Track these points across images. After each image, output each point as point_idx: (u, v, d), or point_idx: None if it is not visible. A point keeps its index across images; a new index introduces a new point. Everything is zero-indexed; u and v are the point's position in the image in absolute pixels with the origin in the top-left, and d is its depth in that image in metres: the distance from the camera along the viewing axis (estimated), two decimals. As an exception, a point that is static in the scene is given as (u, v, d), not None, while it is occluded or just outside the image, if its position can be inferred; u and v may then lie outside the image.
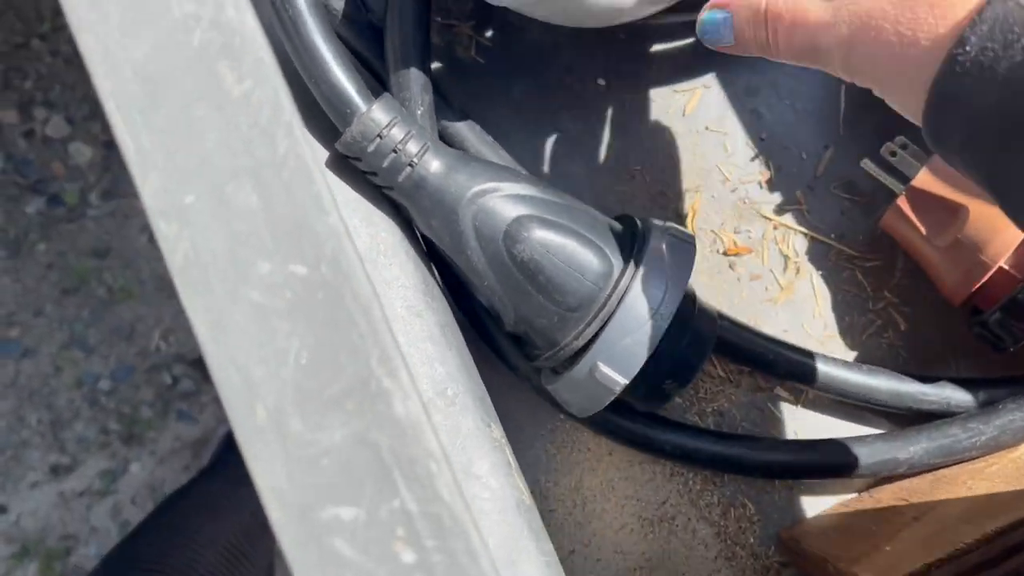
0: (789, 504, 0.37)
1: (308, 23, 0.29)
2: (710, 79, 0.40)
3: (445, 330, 0.31)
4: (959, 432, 0.35)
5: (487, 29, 0.41)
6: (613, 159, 0.40)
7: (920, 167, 0.35)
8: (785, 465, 0.36)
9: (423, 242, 0.33)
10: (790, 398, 0.38)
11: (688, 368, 0.31)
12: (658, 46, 0.40)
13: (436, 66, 0.40)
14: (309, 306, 0.18)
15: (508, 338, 0.35)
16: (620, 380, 0.29)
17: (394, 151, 0.29)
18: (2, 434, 1.01)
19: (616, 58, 0.40)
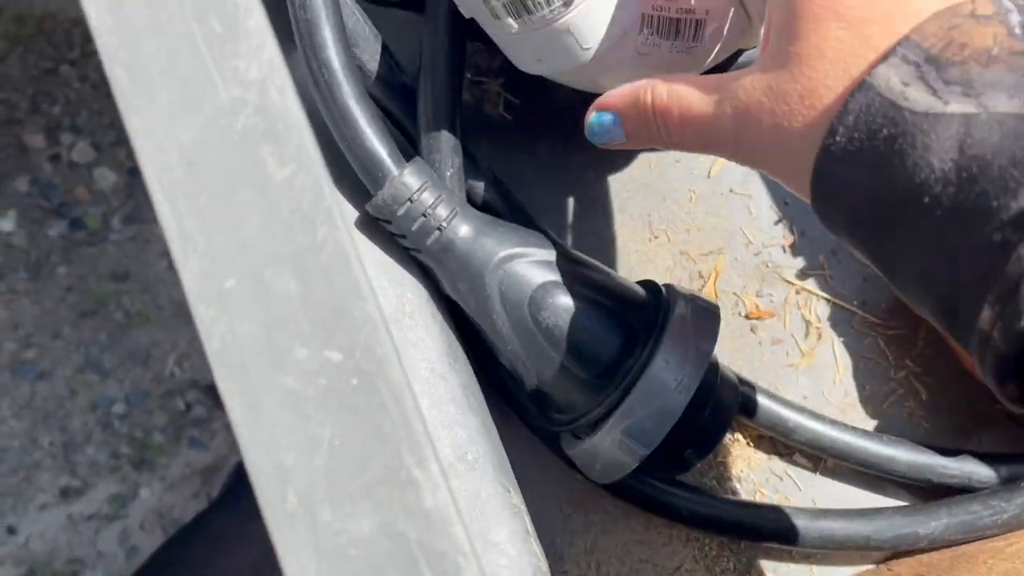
0: (806, 573, 0.37)
1: (343, 87, 0.29)
2: (736, 142, 0.40)
3: (467, 392, 0.31)
4: (980, 509, 0.34)
5: (516, 87, 0.41)
6: (637, 218, 0.40)
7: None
8: (802, 534, 0.36)
9: (449, 303, 0.33)
10: (809, 465, 0.38)
11: (709, 439, 0.31)
12: (685, 108, 0.41)
13: (464, 121, 0.41)
14: (342, 393, 0.18)
15: (530, 400, 0.35)
16: (640, 451, 0.29)
17: (424, 215, 0.30)
18: (15, 455, 1.02)
19: (643, 119, 0.40)
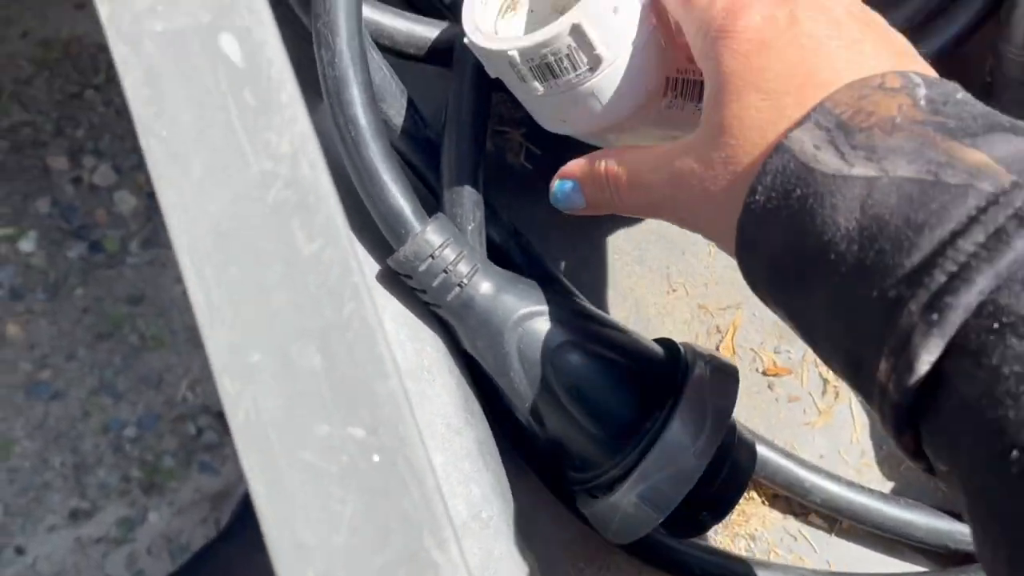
0: (819, 636, 0.37)
1: (369, 144, 0.30)
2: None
3: (483, 448, 0.31)
4: (998, 578, 0.34)
5: (537, 137, 0.41)
6: (655, 271, 0.40)
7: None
8: (817, 597, 0.35)
9: (466, 357, 0.33)
10: (824, 526, 0.38)
11: (725, 502, 0.31)
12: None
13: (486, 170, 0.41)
14: (364, 471, 0.18)
15: (546, 456, 0.35)
16: (656, 515, 0.29)
17: (445, 271, 0.30)
18: (26, 475, 1.02)
19: (663, 171, 0.41)
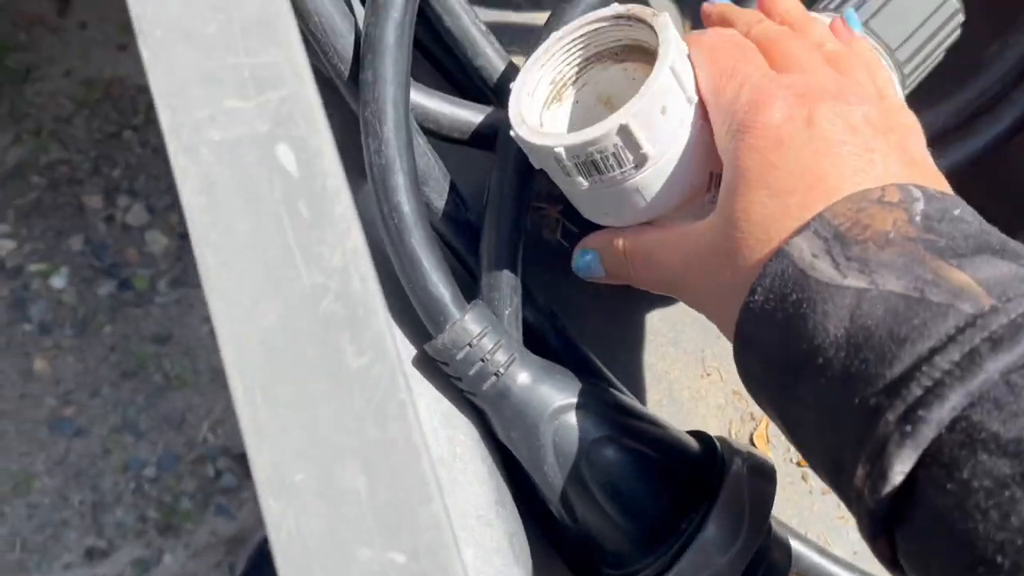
0: None
1: (411, 231, 0.30)
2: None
3: (513, 541, 0.31)
4: None
5: (574, 214, 0.41)
6: (690, 353, 0.40)
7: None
8: None
9: (499, 444, 0.33)
10: (857, 625, 0.37)
11: (759, 606, 0.30)
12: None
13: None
14: (404, 598, 0.18)
15: (578, 550, 0.35)
16: (690, 620, 0.28)
17: (482, 360, 0.30)
18: (45, 512, 1.02)
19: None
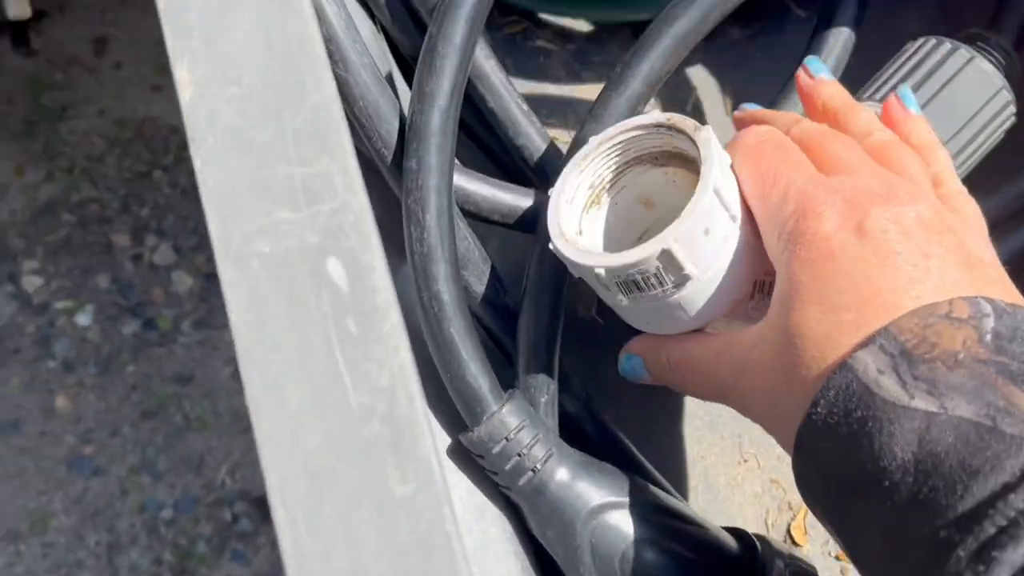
0: None
1: (451, 319, 0.29)
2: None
3: (546, 641, 0.30)
4: None
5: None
6: (727, 439, 0.39)
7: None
8: None
9: (531, 537, 0.32)
10: None
11: None
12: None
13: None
14: None
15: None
16: None
17: (518, 455, 0.29)
18: (60, 551, 1.02)
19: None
